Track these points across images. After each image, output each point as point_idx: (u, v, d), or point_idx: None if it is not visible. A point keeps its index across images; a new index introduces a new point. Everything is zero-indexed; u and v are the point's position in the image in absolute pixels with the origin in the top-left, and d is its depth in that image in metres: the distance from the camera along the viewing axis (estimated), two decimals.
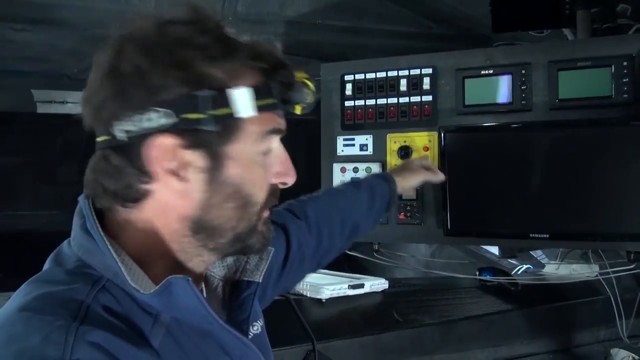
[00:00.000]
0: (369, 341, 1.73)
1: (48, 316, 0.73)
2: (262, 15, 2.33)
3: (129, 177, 0.80)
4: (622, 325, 2.03)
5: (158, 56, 0.78)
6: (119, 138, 0.78)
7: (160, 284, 0.77)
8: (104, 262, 0.80)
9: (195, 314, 0.82)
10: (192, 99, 0.77)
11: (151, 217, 0.83)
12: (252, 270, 1.01)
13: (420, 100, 1.91)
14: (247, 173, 0.84)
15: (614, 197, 1.65)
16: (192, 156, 0.80)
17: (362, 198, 1.51)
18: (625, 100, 1.67)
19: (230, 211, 0.85)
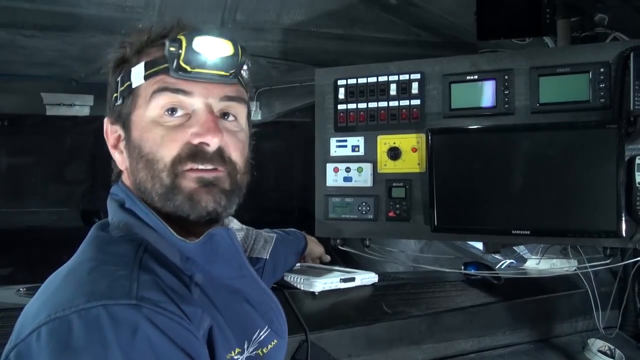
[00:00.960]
0: (359, 332, 1.73)
1: (111, 266, 0.81)
2: (260, 23, 2.34)
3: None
4: (598, 316, 2.04)
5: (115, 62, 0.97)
6: None
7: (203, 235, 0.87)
8: (143, 232, 0.88)
9: (231, 264, 0.91)
10: (114, 83, 0.95)
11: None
12: (259, 250, 1.16)
13: (409, 104, 1.91)
14: (146, 133, 0.90)
15: (590, 196, 1.65)
16: (118, 131, 0.95)
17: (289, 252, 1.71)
18: (602, 104, 1.68)
19: (142, 172, 0.91)
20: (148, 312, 0.75)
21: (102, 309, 0.73)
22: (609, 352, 1.98)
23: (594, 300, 2.03)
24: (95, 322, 0.73)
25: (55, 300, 0.77)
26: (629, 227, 1.64)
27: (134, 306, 0.75)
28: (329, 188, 2.00)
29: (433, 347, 1.88)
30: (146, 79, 0.90)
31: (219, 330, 0.87)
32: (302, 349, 1.59)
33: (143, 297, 0.76)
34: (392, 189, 1.92)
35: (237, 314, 0.92)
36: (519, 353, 2.01)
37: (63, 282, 0.81)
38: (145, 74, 0.90)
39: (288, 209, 4.76)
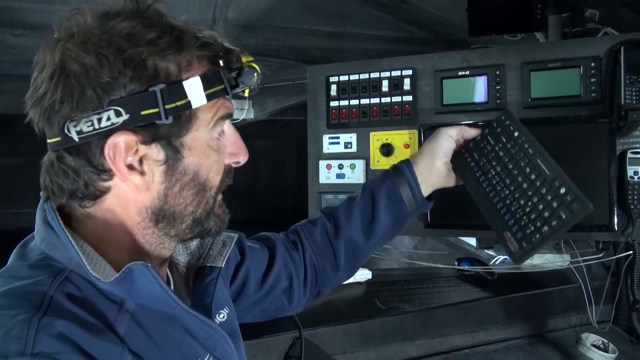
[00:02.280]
0: (353, 328, 1.73)
1: (10, 310, 0.70)
2: (252, 21, 2.33)
3: (87, 176, 0.78)
4: (592, 311, 2.05)
5: (106, 53, 0.73)
6: (73, 139, 0.75)
7: (120, 271, 0.74)
8: (66, 254, 0.77)
9: (157, 299, 0.79)
10: (146, 94, 0.75)
11: (111, 210, 0.81)
12: (215, 256, 0.99)
13: (401, 100, 1.91)
14: (204, 159, 0.82)
15: (582, 190, 1.66)
16: (150, 150, 0.78)
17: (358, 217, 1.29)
18: (593, 99, 1.68)
19: (188, 198, 0.83)
20: None
21: None
22: (602, 346, 1.99)
23: (587, 295, 2.04)
24: None
25: None
26: (621, 220, 1.65)
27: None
28: (322, 185, 2.00)
29: (427, 343, 1.88)
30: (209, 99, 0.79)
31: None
32: (296, 345, 1.59)
33: (39, 352, 0.66)
34: None
35: (174, 343, 0.83)
36: (512, 348, 2.02)
37: None
38: (207, 93, 0.78)
39: (282, 208, 4.75)
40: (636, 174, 1.62)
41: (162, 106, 0.75)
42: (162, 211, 0.82)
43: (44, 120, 0.77)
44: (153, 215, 0.82)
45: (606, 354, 1.94)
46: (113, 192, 0.80)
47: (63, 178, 0.79)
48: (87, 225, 0.81)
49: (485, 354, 1.95)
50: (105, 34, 0.75)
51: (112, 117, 0.74)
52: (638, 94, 1.58)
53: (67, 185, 0.79)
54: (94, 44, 0.74)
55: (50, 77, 0.75)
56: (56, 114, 0.75)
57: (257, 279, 1.19)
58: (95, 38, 0.74)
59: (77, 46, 0.74)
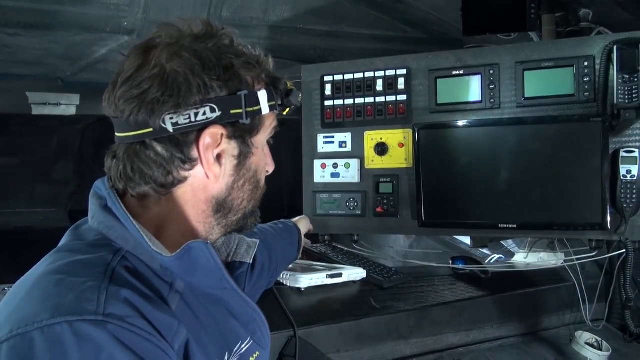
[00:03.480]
0: (347, 327, 1.73)
1: (79, 278, 0.77)
2: (246, 20, 2.33)
3: (173, 164, 0.88)
4: (585, 309, 2.05)
5: (207, 61, 0.86)
6: (167, 129, 0.85)
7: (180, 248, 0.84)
8: (123, 235, 0.86)
9: (211, 276, 0.89)
10: (235, 97, 0.88)
11: (182, 198, 0.91)
12: (242, 254, 1.12)
13: (396, 100, 1.92)
14: (261, 160, 0.98)
15: (576, 189, 1.67)
16: (230, 145, 0.91)
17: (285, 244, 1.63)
18: (586, 98, 1.69)
19: (247, 192, 0.97)
20: (114, 329, 0.72)
21: (66, 326, 0.70)
22: (596, 344, 1.99)
23: (581, 293, 2.04)
24: (57, 340, 0.70)
25: (19, 314, 0.74)
26: (614, 219, 1.66)
27: (99, 323, 0.71)
28: (317, 184, 2.00)
29: (421, 342, 1.88)
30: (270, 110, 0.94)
31: (196, 342, 0.85)
32: (291, 344, 1.59)
33: (110, 313, 0.73)
34: (380, 184, 1.93)
35: (218, 325, 0.92)
36: (507, 346, 2.02)
37: (29, 294, 0.78)
38: (269, 104, 0.94)
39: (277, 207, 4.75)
40: (629, 173, 1.63)
41: (245, 108, 0.89)
42: (225, 202, 0.94)
43: (145, 112, 0.85)
44: (216, 205, 0.94)
45: (600, 352, 1.94)
46: (188, 181, 0.90)
47: (150, 164, 0.88)
48: (154, 212, 0.91)
49: (480, 353, 1.95)
50: (203, 45, 0.88)
51: (207, 113, 0.86)
52: (631, 93, 1.59)
53: (150, 172, 0.88)
54: (197, 51, 0.87)
55: (157, 75, 0.85)
56: (160, 106, 0.84)
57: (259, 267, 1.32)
58: (198, 47, 0.88)
59: (182, 51, 0.86)
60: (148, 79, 0.85)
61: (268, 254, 1.43)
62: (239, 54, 0.91)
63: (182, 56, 0.86)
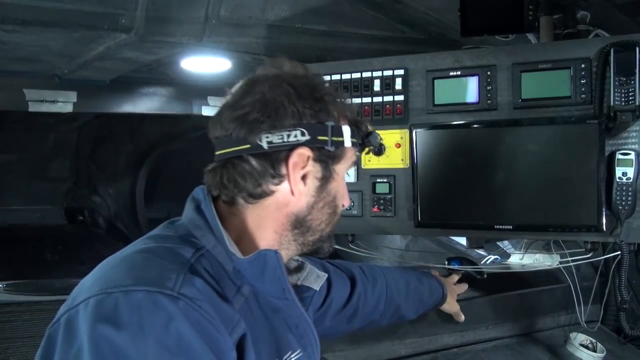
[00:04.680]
0: None
1: (164, 260, 0.91)
2: (244, 19, 2.33)
3: (264, 178, 1.00)
4: (580, 311, 2.06)
5: (302, 93, 1.01)
6: (263, 146, 0.98)
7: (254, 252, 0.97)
8: (206, 236, 0.99)
9: (276, 284, 0.99)
10: (322, 126, 1.02)
11: (267, 209, 1.02)
12: (311, 282, 1.22)
13: (393, 100, 1.92)
14: (340, 188, 1.09)
15: (571, 191, 1.67)
16: (315, 167, 1.03)
17: (423, 296, 1.72)
18: (583, 100, 1.70)
19: (325, 215, 1.07)
20: (184, 306, 0.84)
21: (145, 294, 0.84)
22: (590, 346, 2.00)
23: (576, 295, 2.05)
24: (137, 304, 0.83)
25: (107, 278, 0.89)
26: (609, 221, 1.66)
27: (173, 297, 0.84)
28: None
29: (417, 342, 1.89)
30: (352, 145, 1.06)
31: (252, 340, 0.95)
32: None
33: (183, 293, 0.85)
34: (376, 184, 1.93)
35: (274, 331, 1.02)
36: (501, 347, 2.02)
37: (119, 264, 0.92)
38: (351, 140, 1.06)
39: None
40: (624, 175, 1.64)
41: (330, 137, 1.02)
42: (304, 220, 1.05)
43: (245, 130, 0.99)
44: (295, 221, 1.04)
45: (594, 354, 1.95)
46: (275, 195, 1.02)
47: (245, 176, 1.00)
48: (240, 218, 1.04)
49: (474, 353, 1.95)
50: (299, 79, 1.04)
51: (298, 136, 0.99)
52: (627, 96, 1.59)
53: (244, 183, 1.00)
54: (294, 84, 1.02)
55: (258, 100, 1.00)
56: (259, 126, 0.98)
57: (335, 310, 1.43)
58: (295, 81, 1.03)
59: (282, 82, 1.01)
60: (250, 103, 1.00)
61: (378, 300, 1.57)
62: (329, 92, 1.05)
63: (281, 86, 1.00)
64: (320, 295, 1.35)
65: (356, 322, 1.52)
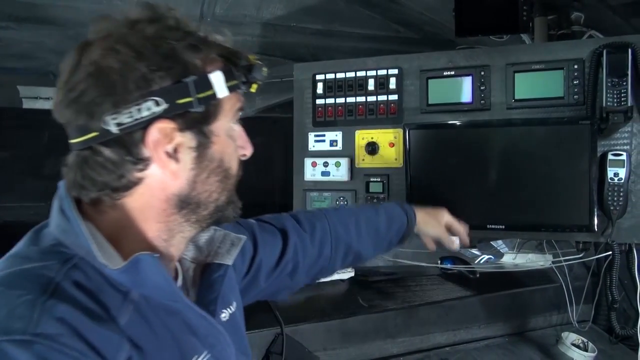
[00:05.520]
0: (334, 325, 1.74)
1: (16, 290, 0.73)
2: (240, 17, 2.32)
3: (124, 167, 0.82)
4: (572, 310, 2.07)
5: (143, 50, 0.80)
6: (113, 131, 0.79)
7: (127, 261, 0.78)
8: (77, 241, 0.80)
9: (161, 290, 0.83)
10: (181, 85, 0.81)
11: (138, 201, 0.85)
12: (223, 255, 1.03)
13: (387, 99, 1.92)
14: (226, 148, 0.90)
15: (564, 191, 1.68)
16: (185, 137, 0.84)
17: (378, 225, 1.45)
18: (576, 101, 1.70)
19: (214, 185, 0.89)
20: (41, 349, 0.68)
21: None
22: (582, 345, 2.01)
23: (568, 294, 2.06)
24: None
25: None
26: (601, 222, 1.67)
27: (26, 343, 0.68)
28: (307, 182, 2.01)
29: (408, 340, 1.89)
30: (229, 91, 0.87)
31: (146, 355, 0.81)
32: (277, 341, 1.60)
33: (40, 332, 0.69)
34: (370, 183, 1.93)
35: (174, 337, 0.86)
36: (493, 346, 2.03)
37: None
38: (227, 85, 0.86)
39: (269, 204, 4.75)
40: (616, 176, 1.64)
41: (195, 95, 0.82)
42: (189, 198, 0.88)
43: (84, 116, 0.80)
44: (179, 202, 0.87)
45: (585, 353, 1.96)
46: (145, 182, 0.85)
47: (99, 170, 0.82)
48: (110, 216, 0.86)
49: (466, 352, 1.96)
50: (139, 33, 0.81)
51: (152, 107, 0.80)
52: (619, 97, 1.60)
53: (102, 178, 0.83)
54: (131, 41, 0.80)
55: (90, 74, 0.80)
56: (98, 108, 0.79)
57: (268, 270, 1.25)
58: (131, 37, 0.81)
59: (115, 44, 0.80)
60: (83, 80, 0.80)
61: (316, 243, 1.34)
62: (181, 37, 0.83)
63: (116, 49, 0.80)
64: (243, 262, 1.18)
65: (301, 276, 1.33)
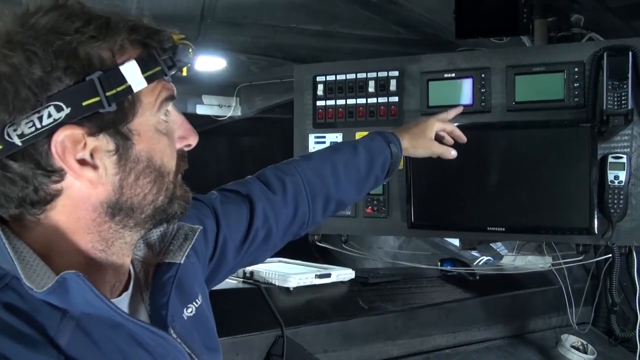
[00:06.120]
0: (335, 327, 1.74)
1: None
2: (240, 19, 2.33)
3: (37, 180, 0.74)
4: (572, 312, 2.07)
5: (33, 49, 0.70)
6: (16, 144, 0.71)
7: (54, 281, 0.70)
8: (6, 260, 0.73)
9: (95, 308, 0.75)
10: (84, 84, 0.71)
11: (64, 213, 0.77)
12: (174, 252, 0.93)
13: (387, 101, 1.92)
14: (154, 144, 0.80)
15: (564, 193, 1.68)
16: (99, 141, 0.75)
17: (359, 166, 1.36)
18: (576, 103, 1.70)
19: (146, 187, 0.80)
20: None
21: None
22: (581, 347, 2.01)
23: (567, 297, 2.06)
24: None
25: None
26: (601, 224, 1.67)
27: None
28: None
29: (408, 343, 1.89)
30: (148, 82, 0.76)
31: None
32: (278, 344, 1.59)
33: None
34: None
35: (120, 352, 0.79)
36: (493, 348, 2.03)
37: None
38: (145, 75, 0.75)
39: None
40: (616, 179, 1.64)
41: (103, 94, 0.72)
42: (119, 204, 0.79)
43: None
44: (109, 209, 0.79)
45: (585, 355, 1.96)
46: (65, 193, 0.76)
47: (10, 186, 0.74)
48: (37, 231, 0.77)
49: (466, 354, 1.96)
50: (29, 30, 0.72)
51: (53, 113, 0.71)
52: (620, 100, 1.60)
53: (15, 194, 0.74)
54: (19, 41, 0.71)
55: None
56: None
57: (236, 244, 1.16)
58: (19, 36, 0.71)
59: (1, 47, 0.71)
60: None
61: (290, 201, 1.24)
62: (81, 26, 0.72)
63: (3, 53, 0.70)
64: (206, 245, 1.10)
65: (277, 238, 1.24)
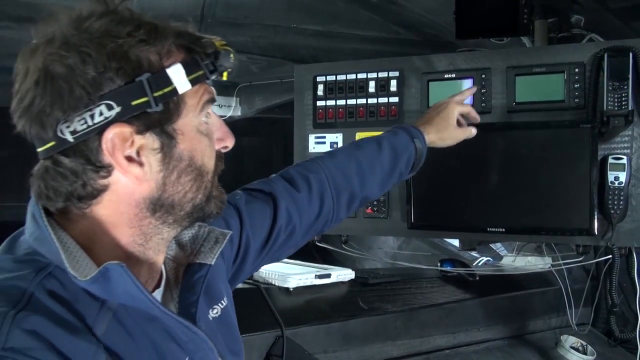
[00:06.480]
0: (335, 328, 1.74)
1: None
2: (240, 19, 2.32)
3: (86, 175, 0.78)
4: (571, 313, 2.07)
5: (88, 51, 0.75)
6: (68, 140, 0.76)
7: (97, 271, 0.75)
8: (51, 249, 0.77)
9: (134, 299, 0.79)
10: (134, 85, 0.77)
11: (108, 208, 0.82)
12: (206, 253, 0.98)
13: (388, 101, 1.92)
14: (196, 144, 0.85)
15: (564, 194, 1.68)
16: (146, 139, 0.79)
17: (383, 163, 1.38)
18: (576, 104, 1.70)
19: (186, 185, 0.85)
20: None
21: None
22: (581, 348, 2.01)
23: (567, 298, 2.06)
24: None
25: None
26: (601, 225, 1.67)
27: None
28: None
29: (408, 343, 1.89)
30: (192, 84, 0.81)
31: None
32: (278, 344, 1.59)
33: (11, 346, 0.68)
34: None
35: (154, 345, 0.84)
36: (492, 349, 2.03)
37: None
38: (189, 79, 0.81)
39: None
40: (617, 179, 1.64)
41: (151, 94, 0.77)
42: (161, 200, 0.84)
43: (36, 126, 0.77)
44: (151, 205, 0.83)
45: (584, 356, 1.96)
46: (111, 188, 0.81)
47: (61, 181, 0.79)
48: (82, 224, 0.82)
49: (466, 355, 1.96)
50: (84, 34, 0.76)
51: (105, 112, 0.76)
52: (620, 101, 1.60)
53: (65, 188, 0.79)
54: (75, 43, 0.75)
55: (36, 82, 0.76)
56: (48, 117, 0.75)
57: (258, 245, 1.20)
58: (75, 38, 0.76)
59: (58, 49, 0.75)
60: (31, 88, 0.76)
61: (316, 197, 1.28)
62: (132, 30, 0.77)
63: (59, 54, 0.75)
64: (231, 248, 1.14)
65: (300, 235, 1.28)
